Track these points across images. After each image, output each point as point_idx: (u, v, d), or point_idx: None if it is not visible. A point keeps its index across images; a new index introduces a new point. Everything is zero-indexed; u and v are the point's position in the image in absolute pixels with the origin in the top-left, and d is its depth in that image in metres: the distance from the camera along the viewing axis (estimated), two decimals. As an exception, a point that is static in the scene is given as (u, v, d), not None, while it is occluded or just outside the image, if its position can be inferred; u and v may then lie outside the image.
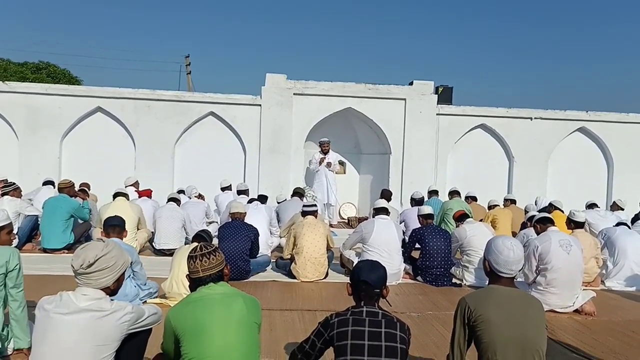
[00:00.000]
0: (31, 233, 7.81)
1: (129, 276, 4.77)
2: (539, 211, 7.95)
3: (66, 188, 7.87)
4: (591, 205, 9.69)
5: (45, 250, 7.37)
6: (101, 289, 2.55)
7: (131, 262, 4.37)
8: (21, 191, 8.05)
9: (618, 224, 7.09)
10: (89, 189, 9.52)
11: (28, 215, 7.75)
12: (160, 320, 2.77)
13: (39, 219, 7.74)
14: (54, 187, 9.29)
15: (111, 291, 2.61)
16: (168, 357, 2.69)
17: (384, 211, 6.49)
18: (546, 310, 4.70)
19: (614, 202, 10.13)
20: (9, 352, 3.52)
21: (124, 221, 4.99)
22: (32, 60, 26.10)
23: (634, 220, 9.18)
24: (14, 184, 7.95)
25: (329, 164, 11.53)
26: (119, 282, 2.66)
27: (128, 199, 7.80)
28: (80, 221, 7.79)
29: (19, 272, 3.46)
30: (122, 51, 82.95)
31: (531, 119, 12.57)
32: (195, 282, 2.68)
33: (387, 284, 2.72)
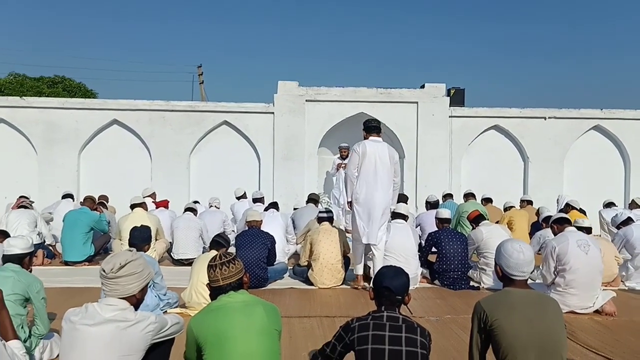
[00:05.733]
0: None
1: (150, 287, 4.85)
2: (558, 211, 7.87)
3: (88, 200, 8.05)
4: (609, 204, 9.57)
5: (66, 263, 7.49)
6: (127, 299, 2.60)
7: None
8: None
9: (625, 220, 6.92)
10: (107, 201, 9.65)
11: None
12: (182, 330, 2.82)
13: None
14: (73, 200, 9.44)
15: (137, 300, 2.65)
16: (191, 366, 2.72)
17: (401, 216, 6.49)
18: (566, 312, 4.70)
19: (633, 200, 9.98)
20: None
21: (149, 235, 5.12)
22: (47, 75, 26.50)
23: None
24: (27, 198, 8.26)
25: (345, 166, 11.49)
26: (144, 292, 2.70)
27: (146, 209, 7.89)
28: (100, 233, 7.92)
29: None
30: (135, 63, 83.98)
31: (545, 118, 12.44)
32: (215, 291, 2.72)
33: (406, 289, 2.74)
